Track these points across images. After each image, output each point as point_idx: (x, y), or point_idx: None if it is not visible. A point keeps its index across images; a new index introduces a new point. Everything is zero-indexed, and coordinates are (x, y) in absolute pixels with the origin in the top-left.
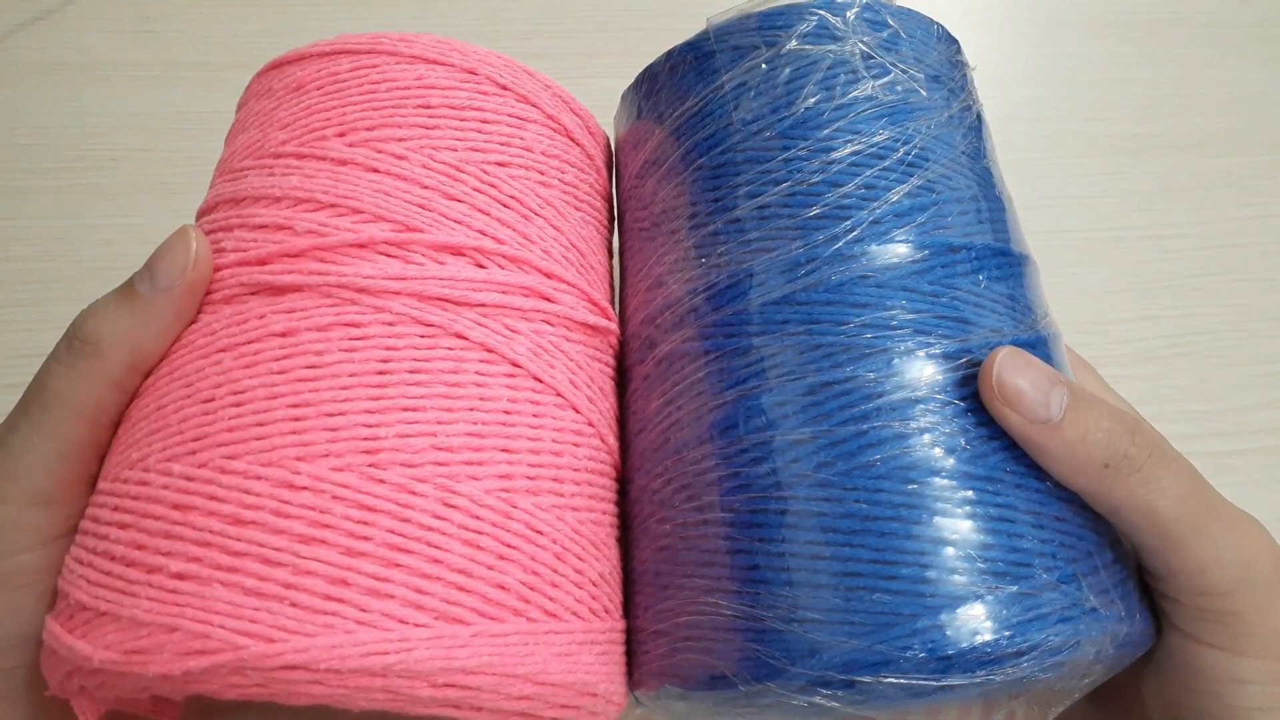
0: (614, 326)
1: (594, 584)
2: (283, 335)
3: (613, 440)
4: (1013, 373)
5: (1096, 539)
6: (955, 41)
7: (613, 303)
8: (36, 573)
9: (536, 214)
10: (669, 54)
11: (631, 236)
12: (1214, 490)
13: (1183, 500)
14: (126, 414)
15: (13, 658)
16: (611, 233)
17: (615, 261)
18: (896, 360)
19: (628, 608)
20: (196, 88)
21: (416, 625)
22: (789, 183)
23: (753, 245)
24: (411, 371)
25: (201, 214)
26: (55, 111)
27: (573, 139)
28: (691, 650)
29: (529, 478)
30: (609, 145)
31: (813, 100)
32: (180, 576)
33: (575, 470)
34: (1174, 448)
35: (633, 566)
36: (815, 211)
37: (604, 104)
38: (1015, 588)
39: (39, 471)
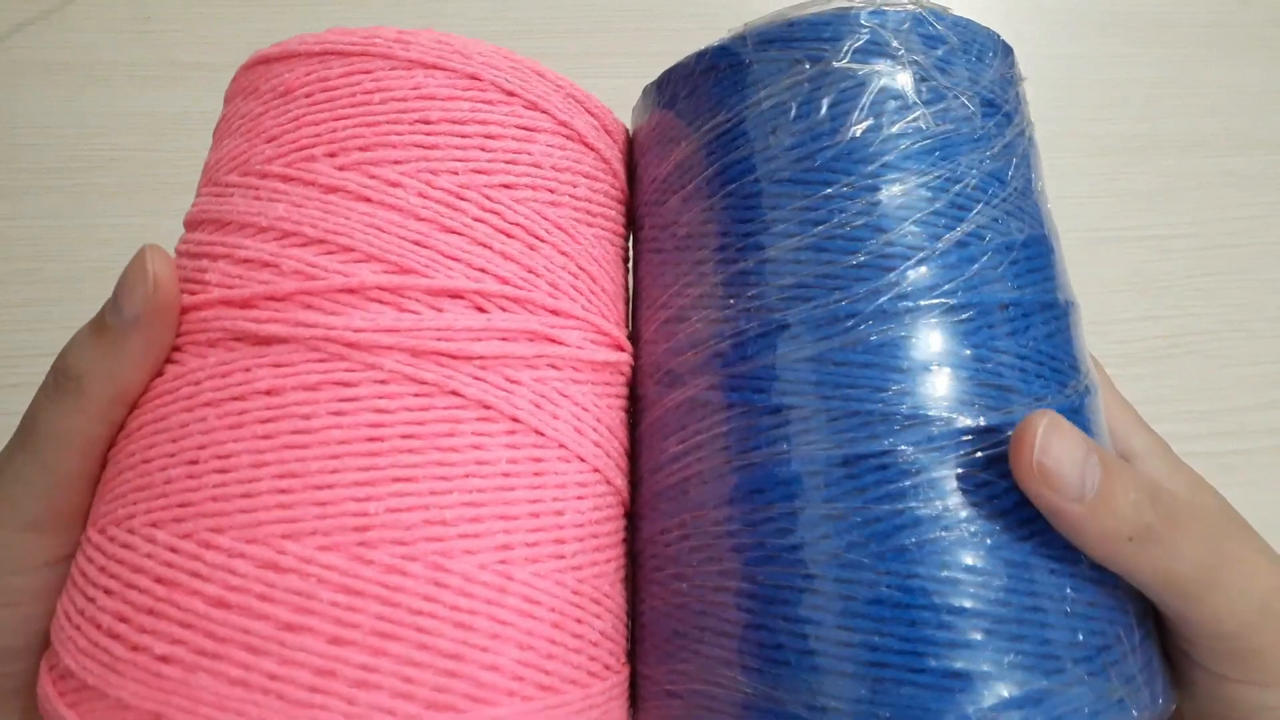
0: (626, 357)
1: (594, 644)
2: (269, 393)
3: (621, 480)
4: (1052, 453)
5: (1126, 621)
6: (1010, 52)
7: (626, 320)
8: (26, 594)
9: (543, 240)
10: (700, 56)
11: (650, 254)
12: (1223, 531)
13: (1199, 560)
14: (112, 457)
15: (2, 666)
16: (627, 239)
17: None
18: (936, 433)
19: (635, 651)
20: (196, 88)
21: (406, 716)
22: (829, 223)
23: (787, 291)
24: (404, 437)
25: (189, 226)
26: (55, 111)
27: (587, 144)
28: None
29: (528, 545)
30: (627, 139)
31: (859, 129)
32: (164, 660)
33: (579, 526)
34: (1186, 501)
35: (642, 611)
36: (858, 260)
37: (607, 103)
38: (1045, 683)
39: (32, 500)
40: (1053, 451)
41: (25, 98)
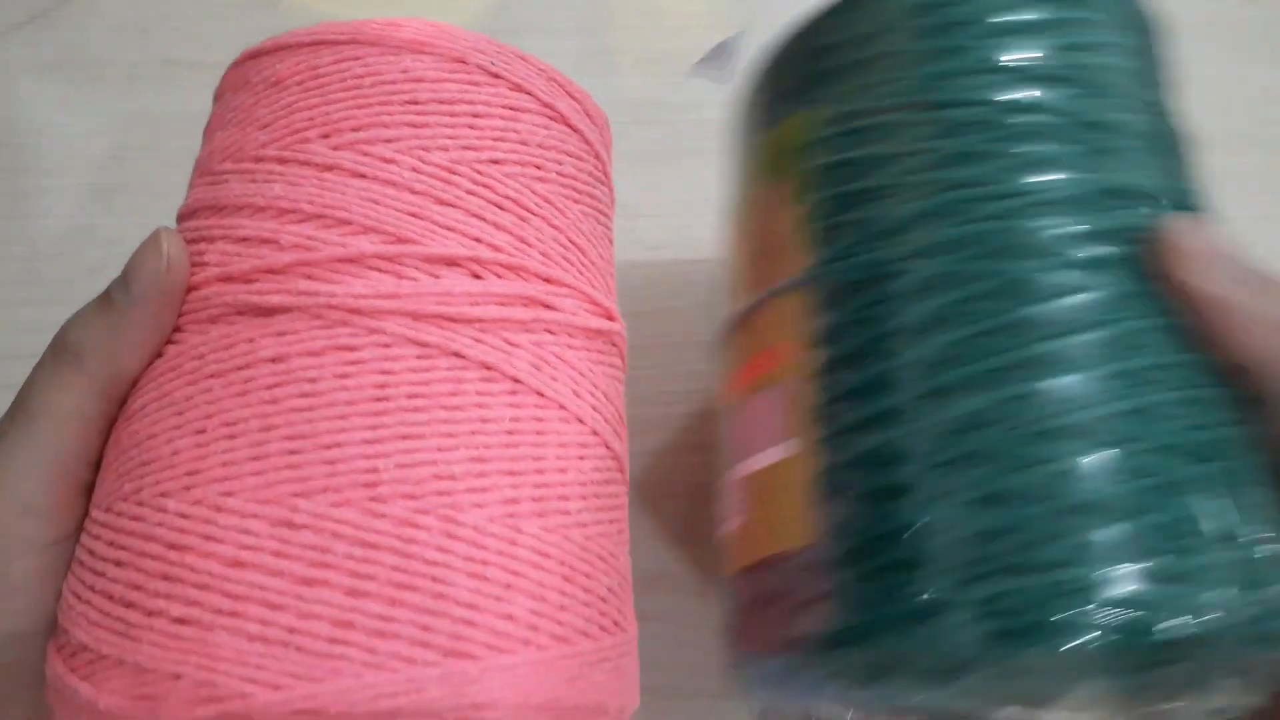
0: (618, 327)
1: (602, 600)
2: (274, 361)
3: (619, 446)
4: (1199, 235)
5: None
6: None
7: (613, 295)
8: (29, 579)
9: (533, 213)
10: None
11: None
12: None
13: None
14: (116, 438)
15: (7, 654)
16: (612, 219)
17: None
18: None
19: None
20: (196, 88)
21: (425, 664)
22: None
23: None
24: (410, 397)
25: (182, 217)
26: (53, 110)
27: (570, 125)
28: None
29: (534, 500)
30: (608, 126)
31: None
32: (182, 621)
33: (581, 485)
34: None
35: None
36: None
37: (603, 103)
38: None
39: (27, 482)
40: (1199, 235)
41: (23, 97)
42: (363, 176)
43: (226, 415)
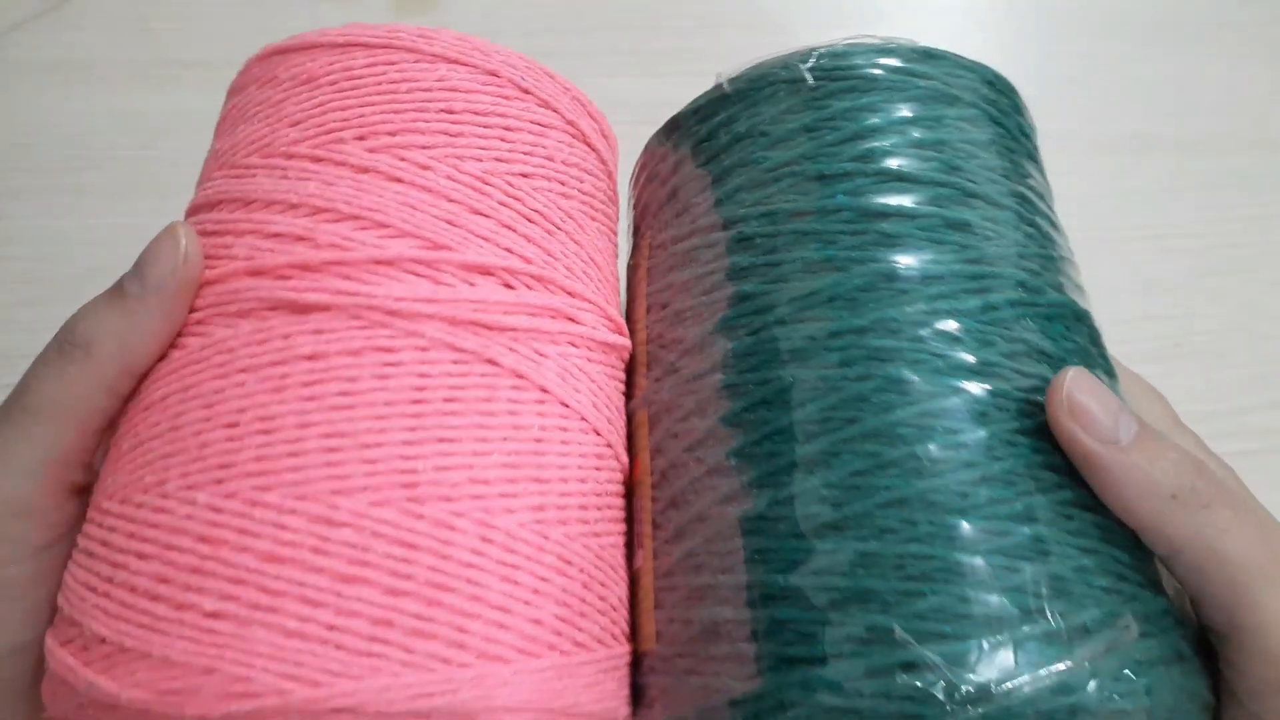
0: (627, 342)
1: (614, 609)
2: (311, 359)
3: (625, 458)
4: (1084, 391)
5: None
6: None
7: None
8: (22, 586)
9: (559, 228)
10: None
11: None
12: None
13: (1251, 545)
14: (133, 430)
15: (3, 670)
16: (617, 238)
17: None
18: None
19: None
20: (195, 87)
21: (460, 665)
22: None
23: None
24: (446, 400)
25: (197, 209)
26: (53, 110)
27: (590, 145)
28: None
29: (559, 507)
30: (617, 148)
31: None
32: (215, 615)
33: (598, 495)
34: (1236, 489)
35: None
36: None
37: (603, 103)
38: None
39: (21, 480)
40: (1084, 388)
41: (23, 97)
42: (399, 181)
43: (261, 410)
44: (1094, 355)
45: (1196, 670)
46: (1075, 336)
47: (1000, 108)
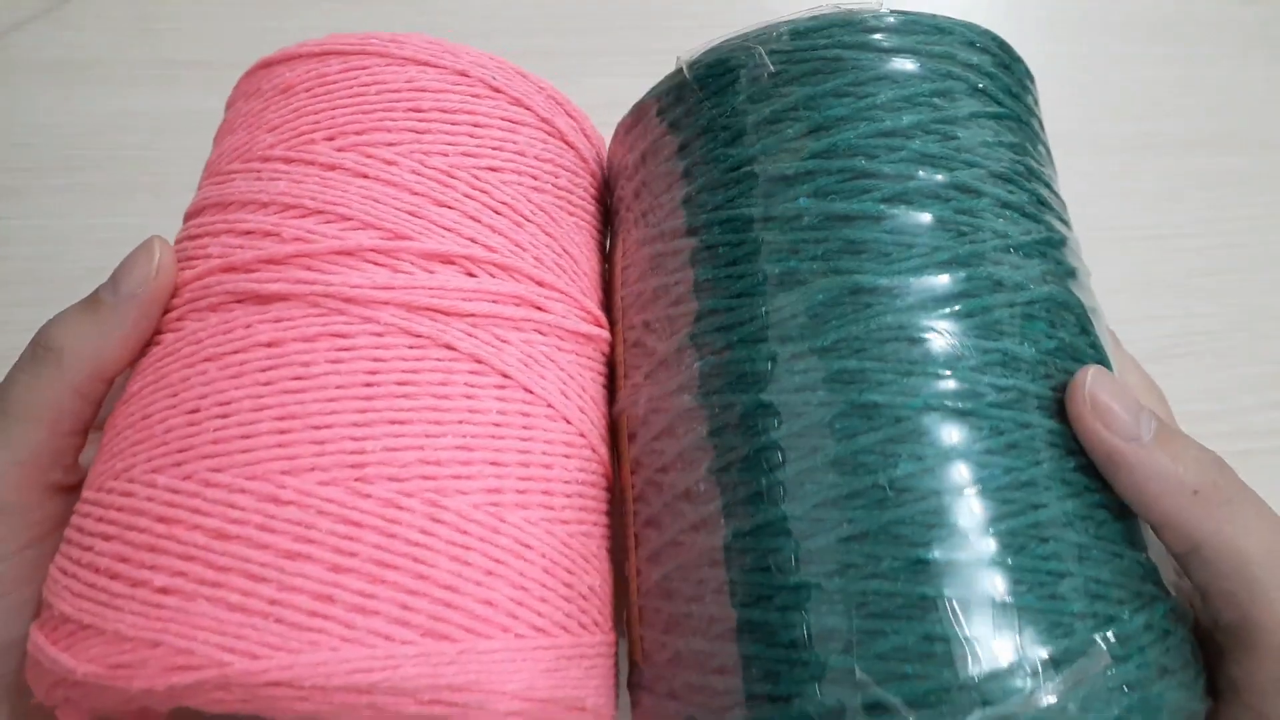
0: (605, 334)
1: (583, 597)
2: (269, 345)
3: (604, 450)
4: (1105, 390)
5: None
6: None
7: (604, 307)
8: (9, 582)
9: (528, 220)
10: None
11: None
12: None
13: (1270, 544)
14: (113, 422)
15: None
16: (605, 235)
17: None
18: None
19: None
20: (195, 87)
21: (402, 642)
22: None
23: None
24: (399, 384)
25: (189, 216)
26: (53, 110)
27: (566, 142)
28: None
29: (518, 491)
30: (604, 146)
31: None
32: (164, 591)
33: (566, 483)
34: (1252, 491)
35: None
36: None
37: (603, 103)
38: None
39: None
40: (1105, 388)
41: (23, 96)
42: (364, 176)
43: (220, 396)
44: (1082, 348)
45: (1182, 683)
46: (1060, 333)
47: (983, 70)
